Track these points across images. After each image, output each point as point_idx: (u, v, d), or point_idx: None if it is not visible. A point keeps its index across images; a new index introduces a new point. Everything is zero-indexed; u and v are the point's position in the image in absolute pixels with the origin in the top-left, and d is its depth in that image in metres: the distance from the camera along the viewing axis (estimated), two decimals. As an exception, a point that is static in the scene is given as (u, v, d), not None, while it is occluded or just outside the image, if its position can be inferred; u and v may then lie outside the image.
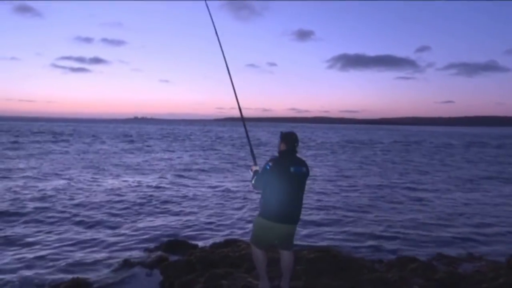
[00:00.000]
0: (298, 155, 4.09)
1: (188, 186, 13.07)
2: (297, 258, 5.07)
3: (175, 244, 6.41)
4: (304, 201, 4.18)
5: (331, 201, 10.90)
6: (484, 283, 4.72)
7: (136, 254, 6.16)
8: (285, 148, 4.04)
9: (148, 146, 33.08)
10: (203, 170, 17.28)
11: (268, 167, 3.88)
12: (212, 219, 8.56)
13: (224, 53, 5.15)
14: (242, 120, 4.96)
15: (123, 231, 7.45)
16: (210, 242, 6.75)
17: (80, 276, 5.21)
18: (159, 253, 6.07)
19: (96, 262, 5.82)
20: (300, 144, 4.18)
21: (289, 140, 4.04)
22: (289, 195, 3.87)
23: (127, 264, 5.66)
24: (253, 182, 4.03)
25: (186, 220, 8.41)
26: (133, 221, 8.21)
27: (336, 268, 5.08)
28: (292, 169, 3.89)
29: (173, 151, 28.19)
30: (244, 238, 6.62)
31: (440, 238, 7.46)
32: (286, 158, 3.97)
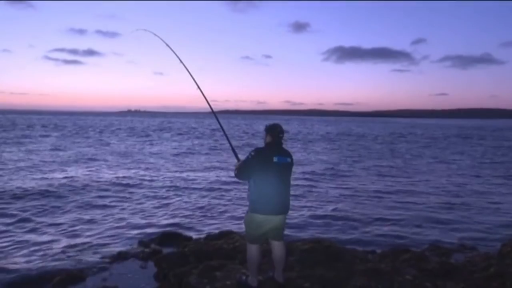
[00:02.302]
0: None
1: (182, 179, 13.04)
2: (291, 249, 5.10)
3: (169, 237, 6.41)
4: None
5: (327, 194, 10.95)
6: (475, 273, 4.76)
7: (130, 247, 6.16)
8: (270, 140, 4.03)
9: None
10: (197, 164, 17.26)
11: (250, 156, 3.88)
12: (206, 212, 8.56)
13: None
14: (215, 115, 5.05)
15: (116, 224, 7.43)
16: (204, 234, 6.75)
17: (74, 269, 5.20)
18: (153, 245, 6.08)
19: (90, 255, 5.80)
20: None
21: (274, 132, 4.02)
22: (275, 186, 3.86)
23: (121, 256, 5.66)
24: (236, 172, 4.01)
25: (180, 213, 8.41)
26: (127, 214, 8.18)
27: (330, 259, 5.09)
28: (275, 158, 3.86)
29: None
30: (238, 230, 6.63)
31: (433, 229, 7.53)
32: (270, 149, 3.97)
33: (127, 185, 11.53)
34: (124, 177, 12.92)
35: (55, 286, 4.79)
